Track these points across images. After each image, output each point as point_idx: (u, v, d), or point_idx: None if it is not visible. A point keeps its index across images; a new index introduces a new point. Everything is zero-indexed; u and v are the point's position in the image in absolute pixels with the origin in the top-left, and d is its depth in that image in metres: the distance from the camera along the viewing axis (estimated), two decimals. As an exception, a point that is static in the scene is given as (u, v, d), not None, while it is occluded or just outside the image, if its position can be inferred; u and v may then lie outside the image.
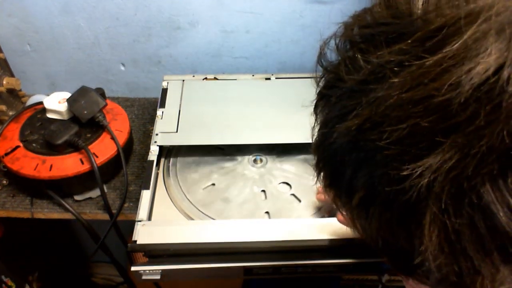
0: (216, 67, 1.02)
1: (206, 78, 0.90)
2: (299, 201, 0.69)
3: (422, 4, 0.24)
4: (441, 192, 0.22)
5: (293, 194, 0.70)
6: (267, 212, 0.67)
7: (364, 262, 0.60)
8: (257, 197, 0.70)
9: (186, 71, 1.02)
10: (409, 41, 0.23)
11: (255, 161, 0.76)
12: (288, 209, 0.67)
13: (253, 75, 0.91)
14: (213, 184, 0.71)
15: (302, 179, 0.73)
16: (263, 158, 0.76)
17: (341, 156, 0.28)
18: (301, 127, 0.76)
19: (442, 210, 0.23)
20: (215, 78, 0.90)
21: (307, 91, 0.93)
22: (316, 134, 0.32)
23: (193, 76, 0.91)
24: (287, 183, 0.72)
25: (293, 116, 0.79)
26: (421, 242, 0.24)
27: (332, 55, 0.30)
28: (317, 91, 0.32)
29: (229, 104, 0.82)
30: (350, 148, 0.27)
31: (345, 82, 0.27)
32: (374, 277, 1.01)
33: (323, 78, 0.31)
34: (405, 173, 0.23)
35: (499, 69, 0.20)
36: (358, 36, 0.28)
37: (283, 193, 0.71)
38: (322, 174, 0.32)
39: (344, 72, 0.27)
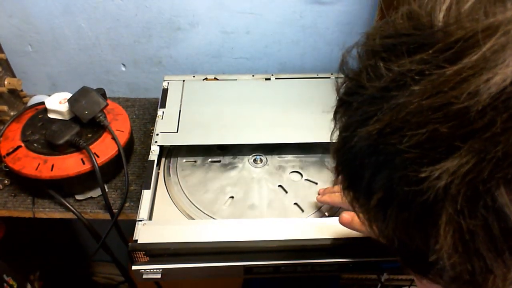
0: (216, 68, 1.02)
1: (206, 79, 0.91)
2: (316, 183, 0.72)
3: (443, 17, 0.26)
4: (457, 194, 0.23)
5: (307, 179, 0.73)
6: (296, 204, 0.69)
7: (363, 261, 0.61)
8: (279, 194, 0.71)
9: (187, 71, 1.02)
10: (430, 51, 0.25)
11: (255, 161, 0.76)
12: (312, 194, 0.69)
13: (253, 76, 0.92)
14: (232, 197, 0.69)
15: (307, 165, 0.75)
16: (263, 158, 0.77)
17: (361, 159, 0.29)
18: (301, 127, 0.77)
19: (457, 212, 0.24)
20: (215, 79, 0.91)
21: (307, 91, 0.94)
22: (335, 138, 0.33)
23: (194, 76, 0.91)
24: (297, 172, 0.74)
25: (293, 116, 0.80)
26: (436, 241, 0.25)
27: (353, 63, 0.32)
28: (337, 98, 0.33)
29: (229, 104, 0.83)
30: (370, 152, 0.28)
31: (366, 89, 0.28)
32: (373, 276, 1.01)
33: (343, 86, 0.32)
34: (423, 175, 0.24)
35: None
36: (380, 45, 0.29)
37: (298, 182, 0.73)
38: (340, 177, 0.33)
39: (365, 79, 0.28)
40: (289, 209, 0.68)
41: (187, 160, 0.75)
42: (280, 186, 0.72)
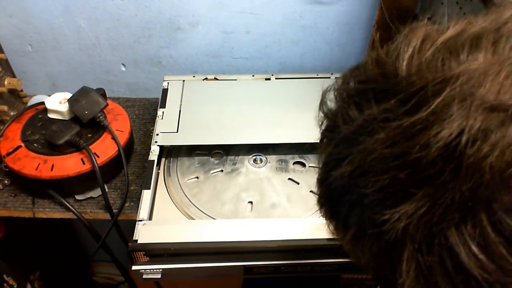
0: (216, 68, 1.02)
1: (206, 79, 0.91)
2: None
3: (406, 66, 0.28)
4: (415, 233, 0.26)
5: (311, 166, 0.75)
6: (312, 191, 0.70)
7: (363, 261, 0.61)
8: (292, 186, 0.72)
9: (187, 71, 1.02)
10: (392, 101, 0.27)
11: (255, 161, 0.76)
12: None
13: (253, 76, 0.92)
14: (251, 202, 0.69)
15: (305, 153, 0.77)
16: (263, 158, 0.77)
17: (338, 196, 0.32)
18: (301, 127, 0.77)
19: (416, 249, 0.26)
20: (215, 79, 0.91)
21: (307, 91, 0.94)
22: (318, 171, 0.35)
23: (194, 76, 0.91)
24: (299, 162, 0.76)
25: (293, 116, 0.80)
26: (400, 275, 0.28)
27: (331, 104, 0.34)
28: (320, 131, 0.35)
29: (229, 104, 0.83)
30: (344, 191, 0.30)
31: (341, 130, 0.30)
32: (373, 277, 1.01)
33: (324, 122, 0.35)
34: (386, 217, 0.26)
35: (460, 134, 0.23)
36: (353, 89, 0.31)
37: (304, 171, 0.74)
38: (323, 208, 0.36)
39: (341, 121, 0.30)
40: (308, 198, 0.69)
41: (188, 178, 0.72)
42: (290, 179, 0.73)
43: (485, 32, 0.27)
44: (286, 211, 0.67)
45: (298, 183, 0.72)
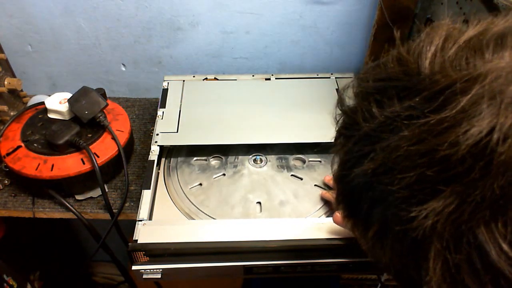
0: (216, 68, 1.02)
1: (206, 79, 0.91)
2: (320, 161, 0.76)
3: (429, 64, 0.28)
4: (443, 231, 0.26)
5: (311, 160, 0.76)
6: (316, 185, 0.71)
7: (363, 261, 0.61)
8: (296, 182, 0.72)
9: (187, 71, 1.02)
10: (417, 99, 0.27)
11: (255, 161, 0.76)
12: (322, 172, 0.73)
13: (253, 76, 0.92)
14: (259, 203, 0.68)
15: (305, 149, 0.77)
16: (263, 157, 0.77)
17: (359, 193, 0.31)
18: (301, 127, 0.77)
19: (444, 247, 0.26)
20: (215, 79, 0.91)
21: (307, 91, 0.94)
22: (336, 169, 0.35)
23: (194, 76, 0.91)
24: (299, 158, 0.76)
25: (293, 116, 0.80)
26: (426, 273, 0.27)
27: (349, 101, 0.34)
28: (336, 128, 0.35)
29: (229, 104, 0.83)
30: (366, 188, 0.30)
31: (361, 128, 0.30)
32: (373, 276, 1.01)
33: (341, 119, 0.34)
34: (413, 214, 0.26)
35: (491, 131, 0.23)
36: (373, 88, 0.31)
37: (305, 166, 0.75)
38: (341, 205, 0.36)
39: (361, 118, 0.30)
40: (314, 192, 0.70)
41: (192, 186, 0.71)
42: (292, 175, 0.73)
43: (509, 31, 0.27)
44: (296, 207, 0.67)
45: (301, 179, 0.72)
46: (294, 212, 0.67)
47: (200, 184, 0.71)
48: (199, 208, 0.67)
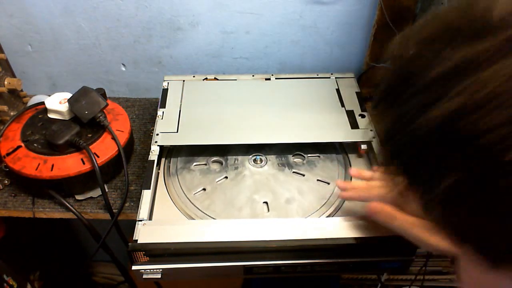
0: (216, 68, 1.02)
1: (206, 79, 0.91)
2: (318, 156, 0.76)
3: (499, 8, 0.26)
4: None
5: (310, 156, 0.76)
6: (319, 180, 0.72)
7: (363, 261, 0.61)
8: (299, 179, 0.72)
9: (187, 71, 1.02)
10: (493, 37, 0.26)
11: (255, 161, 0.76)
12: (322, 167, 0.74)
13: (253, 76, 0.92)
14: (266, 203, 0.68)
15: (303, 146, 0.77)
16: (263, 157, 0.77)
17: (423, 147, 0.29)
18: (301, 127, 0.77)
19: None
20: (215, 79, 0.91)
21: (306, 91, 0.94)
22: (384, 129, 0.32)
23: (194, 76, 0.91)
24: (299, 154, 0.77)
25: (293, 116, 0.80)
26: None
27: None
28: (380, 89, 0.33)
29: (229, 104, 0.83)
30: (435, 138, 0.27)
31: (422, 77, 0.28)
32: (373, 276, 1.01)
33: (389, 76, 0.32)
34: (507, 158, 0.24)
35: None
36: (434, 34, 0.29)
37: (305, 162, 0.75)
38: (395, 166, 0.33)
39: (422, 67, 0.29)
40: (317, 187, 0.71)
41: (196, 192, 0.70)
42: (294, 172, 0.73)
43: None
44: (302, 204, 0.68)
45: (303, 175, 0.73)
46: (301, 208, 0.67)
47: (204, 189, 0.71)
48: (205, 213, 0.66)
